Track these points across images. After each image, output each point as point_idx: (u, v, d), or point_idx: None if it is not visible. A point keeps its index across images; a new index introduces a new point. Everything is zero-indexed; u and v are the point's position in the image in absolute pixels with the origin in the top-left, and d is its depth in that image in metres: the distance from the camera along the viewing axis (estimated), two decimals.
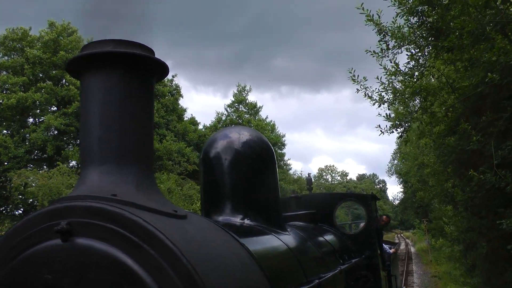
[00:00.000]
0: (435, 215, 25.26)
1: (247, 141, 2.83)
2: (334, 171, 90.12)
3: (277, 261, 2.50)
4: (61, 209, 1.54)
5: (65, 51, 23.59)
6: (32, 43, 23.99)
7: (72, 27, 24.67)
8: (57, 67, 23.88)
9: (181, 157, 25.91)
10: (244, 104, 34.73)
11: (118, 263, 1.42)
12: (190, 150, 27.93)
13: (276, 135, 34.39)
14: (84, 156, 1.74)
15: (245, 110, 34.67)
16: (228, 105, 35.06)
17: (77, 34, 24.34)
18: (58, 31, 23.88)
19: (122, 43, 1.69)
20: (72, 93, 22.97)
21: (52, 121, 22.11)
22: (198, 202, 20.82)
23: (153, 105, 1.91)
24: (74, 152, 22.67)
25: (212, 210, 2.78)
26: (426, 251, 27.02)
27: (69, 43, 23.96)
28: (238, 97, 34.59)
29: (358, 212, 5.86)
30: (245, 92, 34.96)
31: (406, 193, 41.61)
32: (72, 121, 23.24)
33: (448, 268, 18.47)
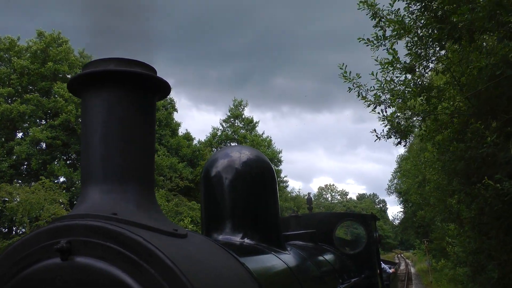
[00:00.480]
0: (436, 235, 25.01)
1: (247, 160, 2.91)
2: (334, 190, 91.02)
3: (277, 280, 2.54)
4: (61, 227, 1.57)
5: (53, 61, 23.62)
6: (20, 53, 23.98)
7: (63, 37, 24.62)
8: (45, 78, 23.89)
9: (173, 172, 25.79)
10: (240, 119, 34.71)
11: (118, 282, 1.45)
12: (183, 166, 27.81)
13: (273, 151, 34.31)
14: (84, 174, 1.79)
15: (241, 126, 34.64)
16: (224, 120, 35.02)
17: (67, 45, 24.43)
18: (47, 41, 23.90)
19: (123, 62, 1.74)
20: (59, 105, 22.75)
21: (38, 134, 21.83)
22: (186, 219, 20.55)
23: (155, 124, 1.97)
24: (60, 167, 22.42)
25: (213, 228, 2.85)
26: (427, 271, 26.89)
27: (58, 54, 24.00)
28: (234, 112, 34.57)
29: (358, 232, 5.94)
30: (241, 107, 34.98)
31: (406, 213, 41.67)
32: (59, 134, 23.03)
33: None
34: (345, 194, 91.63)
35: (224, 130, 34.57)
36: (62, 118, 22.62)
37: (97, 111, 1.77)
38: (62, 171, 22.30)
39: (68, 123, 23.05)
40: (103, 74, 1.74)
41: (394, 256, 51.57)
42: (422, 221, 30.40)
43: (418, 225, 34.43)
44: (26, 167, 23.76)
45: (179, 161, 27.90)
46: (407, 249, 74.43)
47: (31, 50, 23.72)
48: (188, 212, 22.47)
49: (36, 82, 23.80)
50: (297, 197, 46.80)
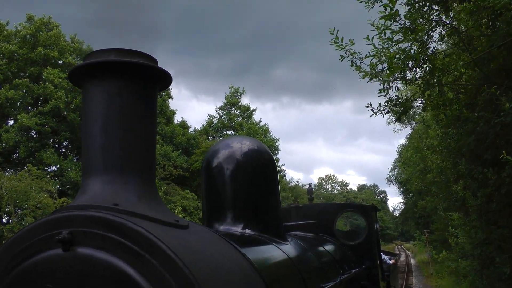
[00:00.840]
0: (438, 226, 24.80)
1: (248, 151, 2.97)
2: (335, 181, 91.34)
3: (277, 271, 2.60)
4: (62, 218, 1.62)
5: (43, 47, 23.30)
6: (9, 38, 23.66)
7: (53, 22, 24.27)
8: (35, 63, 23.63)
9: (167, 161, 25.82)
10: (236, 107, 34.47)
11: (119, 273, 1.50)
12: (177, 154, 27.85)
13: (270, 139, 34.13)
14: (85, 165, 1.83)
15: (237, 113, 34.42)
16: (220, 107, 34.80)
17: (57, 30, 24.10)
18: (37, 25, 23.53)
19: (124, 52, 1.77)
20: (49, 91, 22.46)
21: (26, 120, 21.55)
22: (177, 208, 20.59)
23: (156, 114, 2.00)
24: (49, 155, 22.23)
25: (214, 219, 2.91)
26: (427, 263, 26.95)
27: (48, 39, 23.69)
28: (231, 99, 34.30)
29: (358, 223, 6.04)
30: (238, 94, 34.69)
31: (406, 203, 41.84)
32: (48, 121, 22.81)
33: (450, 282, 18.05)
34: (345, 185, 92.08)
35: (220, 118, 34.40)
36: (51, 105, 22.37)
37: (98, 102, 1.80)
38: (52, 159, 22.13)
39: (58, 110, 22.90)
40: (104, 65, 1.77)
41: (394, 247, 52.17)
42: (423, 212, 30.41)
43: (418, 216, 34.53)
44: (17, 155, 23.70)
45: (173, 149, 27.90)
46: (407, 240, 75.39)
47: (20, 35, 23.40)
48: (181, 201, 22.56)
49: (26, 68, 23.58)
50: (296, 187, 46.99)
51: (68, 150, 26.26)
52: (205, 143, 29.56)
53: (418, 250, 43.31)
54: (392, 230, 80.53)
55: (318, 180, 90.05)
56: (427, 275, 24.28)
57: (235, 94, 34.61)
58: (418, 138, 22.58)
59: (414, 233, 48.19)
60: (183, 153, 29.44)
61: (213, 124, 34.28)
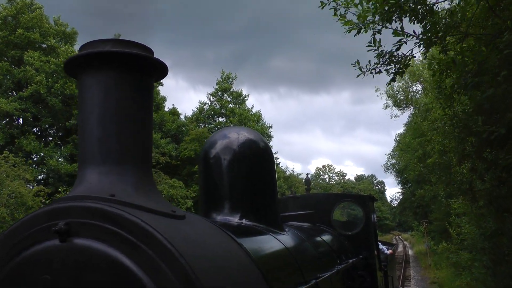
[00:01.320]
0: (436, 216, 24.25)
1: (245, 141, 3.06)
2: (332, 171, 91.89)
3: (274, 261, 2.67)
4: (59, 209, 1.67)
5: (25, 29, 22.91)
6: None
7: (36, 4, 23.89)
8: (16, 46, 23.21)
9: (154, 148, 25.81)
10: (228, 93, 34.17)
11: (116, 264, 1.55)
12: (166, 142, 27.74)
13: (262, 126, 33.78)
14: (82, 156, 1.87)
15: (229, 100, 34.12)
16: (211, 93, 34.45)
17: (40, 11, 23.63)
18: (18, 7, 23.10)
19: (120, 43, 1.82)
20: (29, 75, 22.10)
21: (5, 105, 21.20)
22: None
23: (152, 105, 2.06)
24: (30, 142, 21.93)
25: (211, 210, 2.99)
26: (425, 254, 27.09)
27: (29, 20, 23.26)
28: (222, 85, 33.96)
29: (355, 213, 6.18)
30: (230, 80, 34.34)
31: (404, 193, 42.10)
32: (28, 106, 22.47)
33: (448, 274, 17.79)
34: (343, 175, 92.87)
35: (211, 104, 34.15)
36: (31, 89, 22.02)
37: (94, 92, 1.84)
38: (32, 146, 21.84)
39: (39, 95, 22.59)
40: (99, 55, 1.81)
41: (392, 238, 53.02)
42: (421, 201, 30.44)
43: (416, 205, 34.57)
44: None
45: (161, 136, 27.81)
46: (405, 231, 76.68)
47: (0, 16, 22.96)
48: (168, 190, 22.55)
49: (6, 51, 23.16)
50: (290, 176, 47.13)
51: (49, 137, 25.99)
52: (195, 130, 29.36)
53: (416, 240, 43.52)
54: (390, 221, 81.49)
55: (316, 171, 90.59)
56: (425, 266, 24.44)
57: (227, 80, 34.27)
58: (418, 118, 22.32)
59: (412, 223, 48.78)
60: (172, 141, 29.38)
61: (204, 111, 34.00)
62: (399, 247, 37.21)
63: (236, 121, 31.42)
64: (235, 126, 3.22)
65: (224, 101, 33.84)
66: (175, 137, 30.34)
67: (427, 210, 30.86)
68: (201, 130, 29.54)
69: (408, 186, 38.64)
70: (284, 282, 2.49)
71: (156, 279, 1.52)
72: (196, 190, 26.14)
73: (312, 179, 79.82)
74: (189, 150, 27.82)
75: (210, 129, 32.06)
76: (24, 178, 16.41)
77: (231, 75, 34.51)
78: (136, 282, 1.51)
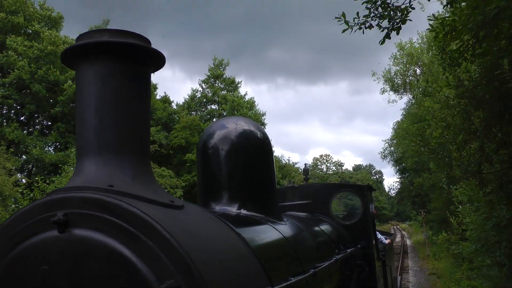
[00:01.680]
0: (435, 205, 24.06)
1: (244, 131, 3.11)
2: (330, 161, 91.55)
3: (273, 251, 2.70)
4: (58, 200, 1.69)
5: (7, 13, 22.41)
6: None
7: None
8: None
9: None
10: (221, 79, 33.66)
11: (115, 254, 1.57)
12: (156, 130, 27.50)
13: (255, 113, 33.15)
14: (80, 147, 1.89)
15: (221, 86, 33.58)
16: (203, 80, 33.89)
17: None
18: None
19: (118, 33, 1.83)
20: (11, 60, 21.80)
21: None
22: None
23: (150, 95, 2.06)
24: (13, 129, 21.66)
25: (209, 200, 3.03)
26: (423, 244, 26.86)
27: (13, 4, 22.82)
28: (214, 72, 33.40)
29: (352, 203, 6.28)
30: (223, 66, 33.79)
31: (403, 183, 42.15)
32: (11, 93, 22.17)
33: (447, 265, 17.64)
34: (340, 165, 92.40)
35: (203, 91, 33.63)
36: (14, 75, 21.68)
37: (91, 83, 1.86)
38: (15, 134, 21.56)
39: (22, 81, 22.21)
40: (96, 46, 1.82)
41: (390, 228, 53.53)
42: (419, 190, 29.72)
43: (415, 194, 34.01)
44: None
45: (152, 124, 27.69)
46: (403, 221, 77.56)
47: None
48: (157, 179, 22.31)
49: None
50: (286, 165, 47.00)
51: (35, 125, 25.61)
52: (186, 118, 29.01)
53: (414, 230, 43.57)
54: (388, 211, 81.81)
55: (313, 160, 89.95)
56: (423, 256, 24.28)
57: (219, 67, 33.70)
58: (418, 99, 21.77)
59: (410, 213, 48.88)
60: (163, 129, 29.20)
61: (196, 98, 33.49)
62: (397, 237, 36.98)
63: (228, 108, 31.03)
64: (233, 116, 3.27)
65: (216, 88, 33.28)
66: (166, 125, 30.17)
67: (425, 199, 30.59)
68: (192, 117, 29.19)
69: (406, 175, 38.60)
70: (282, 272, 2.51)
71: (155, 268, 1.54)
72: (187, 179, 25.92)
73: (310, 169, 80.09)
74: (180, 138, 27.55)
75: (201, 116, 31.58)
76: (6, 167, 16.20)
77: (223, 61, 33.92)
78: (135, 272, 1.54)
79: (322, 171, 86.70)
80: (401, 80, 29.18)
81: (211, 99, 33.48)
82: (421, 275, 17.96)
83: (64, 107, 23.60)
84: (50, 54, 22.95)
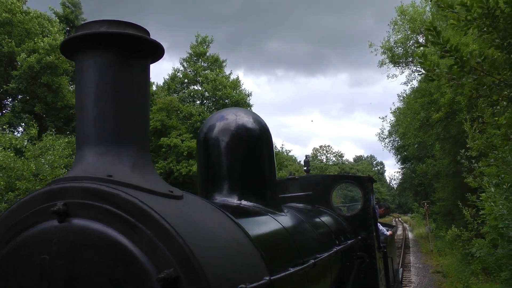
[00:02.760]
0: (440, 196, 22.13)
1: (243, 122, 3.12)
2: (330, 152, 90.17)
3: (273, 242, 2.69)
4: (57, 190, 1.68)
5: None
6: None
7: None
8: None
9: None
10: (204, 58, 30.16)
11: (114, 244, 1.57)
12: None
13: (240, 93, 29.65)
14: (79, 137, 1.88)
15: (205, 65, 30.19)
16: (184, 59, 30.24)
17: None
18: None
19: (116, 24, 1.82)
20: None
21: None
22: None
23: (149, 85, 2.05)
24: None
25: (209, 191, 3.04)
26: (426, 237, 25.90)
27: None
28: (197, 50, 29.63)
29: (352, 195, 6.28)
30: (206, 44, 30.13)
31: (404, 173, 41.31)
32: None
33: (454, 262, 16.03)
34: (340, 156, 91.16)
35: (185, 70, 30.17)
36: None
37: (91, 73, 1.85)
38: None
39: None
40: (95, 36, 1.81)
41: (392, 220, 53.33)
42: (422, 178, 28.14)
43: (417, 183, 32.55)
44: None
45: None
46: (405, 213, 77.38)
47: None
48: None
49: None
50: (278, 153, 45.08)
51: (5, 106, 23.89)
52: (163, 98, 26.90)
53: (416, 223, 42.53)
54: (389, 202, 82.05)
55: (313, 151, 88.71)
56: (426, 251, 22.89)
57: (202, 44, 30.09)
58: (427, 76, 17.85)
59: (411, 205, 48.13)
60: None
61: (176, 78, 30.23)
62: (399, 230, 35.98)
63: (209, 88, 28.37)
64: (233, 107, 3.29)
65: (198, 66, 29.83)
66: None
67: (428, 190, 29.58)
68: (169, 98, 26.91)
69: (408, 164, 36.67)
70: (282, 263, 2.50)
71: (153, 258, 1.54)
72: (162, 166, 24.51)
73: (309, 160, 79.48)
74: (155, 121, 25.38)
75: (181, 97, 28.67)
76: None
77: (207, 38, 30.24)
78: (134, 261, 1.54)
79: (322, 162, 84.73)
80: (402, 49, 24.34)
81: (192, 79, 30.10)
82: (424, 273, 16.20)
83: (20, 83, 21.43)
84: (6, 23, 20.87)
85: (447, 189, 19.42)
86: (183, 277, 1.53)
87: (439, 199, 23.94)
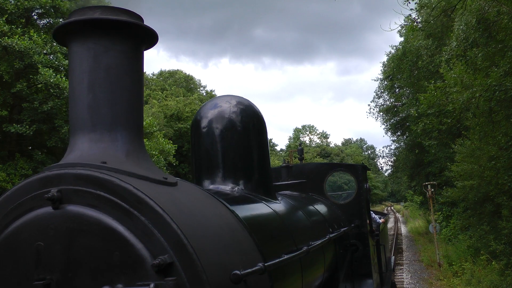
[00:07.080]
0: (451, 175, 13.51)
1: (237, 110, 3.11)
2: (314, 132, 79.38)
3: (267, 229, 2.71)
4: (51, 176, 1.68)
5: None
6: None
7: None
8: None
9: None
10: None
11: (109, 230, 1.57)
12: None
13: None
14: (73, 124, 1.87)
15: None
16: None
17: None
18: None
19: (110, 10, 1.81)
20: None
21: None
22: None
23: (143, 72, 2.03)
24: None
25: (203, 178, 3.04)
26: (424, 234, 20.16)
27: None
28: None
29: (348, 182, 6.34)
30: None
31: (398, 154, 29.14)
32: None
33: None
34: (325, 137, 79.63)
35: None
36: None
37: (84, 60, 1.84)
38: None
39: None
40: (88, 23, 1.80)
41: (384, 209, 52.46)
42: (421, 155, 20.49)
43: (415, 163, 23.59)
44: None
45: None
46: (397, 201, 76.68)
47: None
48: None
49: None
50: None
51: None
52: None
53: (411, 214, 35.92)
54: (381, 190, 73.49)
55: (294, 132, 78.59)
56: (429, 262, 14.80)
57: None
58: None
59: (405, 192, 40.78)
60: None
61: None
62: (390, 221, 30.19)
63: None
64: (227, 95, 3.28)
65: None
66: None
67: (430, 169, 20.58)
68: None
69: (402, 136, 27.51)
70: (276, 250, 2.52)
71: (148, 244, 1.55)
72: None
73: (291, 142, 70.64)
74: None
75: None
76: None
77: None
78: (129, 247, 1.55)
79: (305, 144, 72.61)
80: None
81: None
82: None
83: None
84: None
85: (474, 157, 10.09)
86: (177, 263, 1.53)
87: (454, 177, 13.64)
